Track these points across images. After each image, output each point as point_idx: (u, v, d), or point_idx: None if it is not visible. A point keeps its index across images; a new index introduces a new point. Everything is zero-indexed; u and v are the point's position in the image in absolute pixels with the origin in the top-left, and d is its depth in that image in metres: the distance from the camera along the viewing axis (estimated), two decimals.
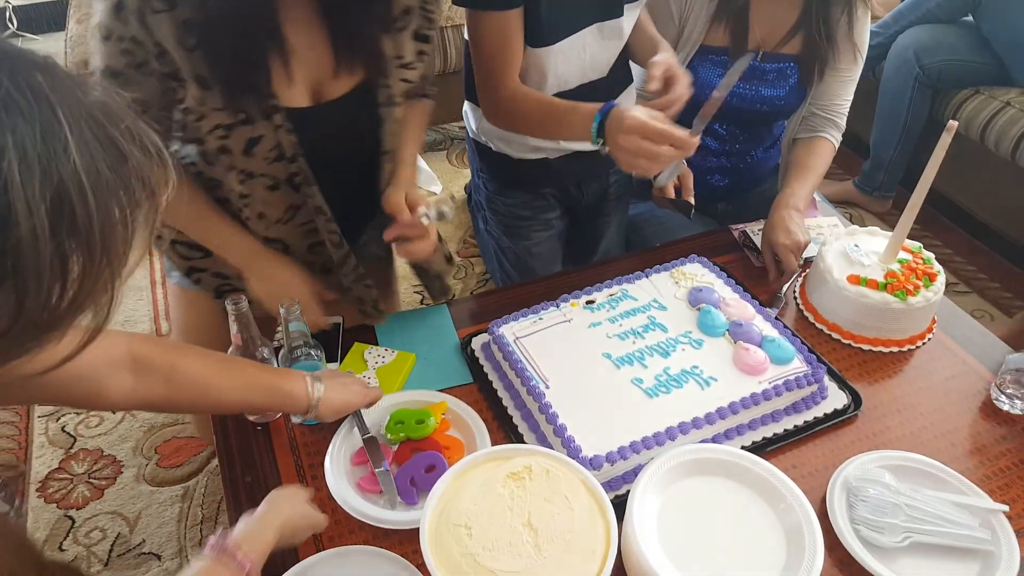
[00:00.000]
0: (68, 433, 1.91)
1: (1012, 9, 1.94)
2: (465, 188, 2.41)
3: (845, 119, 1.53)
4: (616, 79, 1.39)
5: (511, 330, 1.15)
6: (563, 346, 1.12)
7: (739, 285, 1.26)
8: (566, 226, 1.54)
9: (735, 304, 1.21)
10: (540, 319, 1.18)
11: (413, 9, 1.06)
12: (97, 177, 0.46)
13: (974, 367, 1.20)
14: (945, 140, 1.12)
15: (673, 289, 1.25)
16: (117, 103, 0.51)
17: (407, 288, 2.08)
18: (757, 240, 1.41)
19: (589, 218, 1.57)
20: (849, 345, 1.23)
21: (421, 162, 2.46)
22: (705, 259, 1.32)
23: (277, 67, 0.98)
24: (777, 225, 1.34)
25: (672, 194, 1.42)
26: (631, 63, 1.43)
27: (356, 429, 1.03)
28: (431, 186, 2.48)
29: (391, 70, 1.07)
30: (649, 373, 1.08)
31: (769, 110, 1.50)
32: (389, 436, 1.03)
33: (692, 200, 1.41)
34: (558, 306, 1.20)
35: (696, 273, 1.29)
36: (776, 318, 1.21)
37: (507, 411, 1.09)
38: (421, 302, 2.07)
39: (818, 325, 1.27)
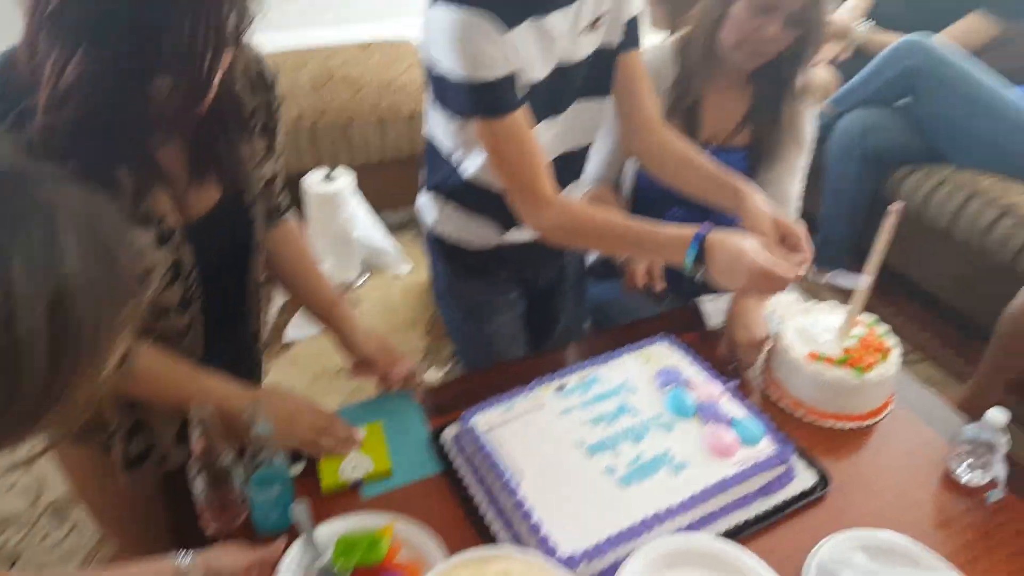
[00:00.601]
0: None
1: (941, 96, 2.09)
2: None
3: (795, 205, 1.60)
4: (570, 166, 1.42)
5: (483, 421, 1.15)
6: (536, 435, 1.13)
7: (705, 362, 1.29)
8: (526, 306, 1.56)
9: (702, 385, 1.24)
10: (511, 408, 1.18)
11: (259, 107, 1.06)
12: (90, 279, 0.50)
13: (932, 439, 1.24)
14: (892, 221, 1.18)
15: (642, 371, 1.27)
16: (104, 207, 0.55)
17: None
18: (708, 308, 1.45)
19: (546, 298, 1.60)
20: (813, 423, 1.26)
21: (389, 243, 2.47)
22: (672, 337, 1.35)
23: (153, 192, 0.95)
24: (736, 321, 1.37)
25: (642, 281, 1.46)
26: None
27: (305, 555, 0.96)
28: (400, 267, 2.49)
29: (250, 173, 1.07)
30: (622, 460, 1.09)
31: None
32: (337, 568, 0.94)
33: (661, 287, 1.46)
34: (529, 392, 1.22)
35: (663, 353, 1.31)
36: (739, 392, 1.23)
37: (479, 508, 1.08)
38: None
39: (781, 404, 1.30)
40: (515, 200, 1.21)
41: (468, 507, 1.09)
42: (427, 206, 1.45)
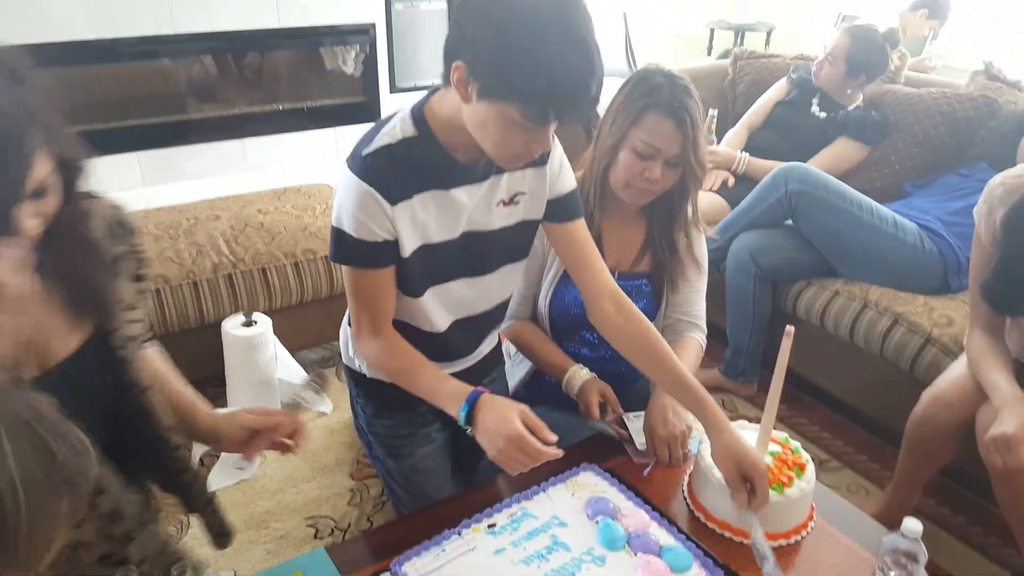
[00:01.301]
0: None
1: (823, 214, 2.26)
2: None
3: (704, 321, 1.70)
4: (490, 319, 1.49)
5: (414, 569, 1.13)
6: None
7: (631, 490, 1.31)
8: (448, 437, 1.56)
9: (631, 514, 1.25)
10: (443, 551, 1.17)
11: (124, 255, 1.07)
12: (30, 479, 0.51)
13: (857, 552, 1.27)
14: (786, 344, 1.25)
15: (570, 503, 1.28)
16: (44, 403, 0.57)
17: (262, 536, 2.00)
18: (632, 426, 1.49)
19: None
20: (741, 543, 1.28)
21: (309, 383, 2.44)
22: (596, 466, 1.36)
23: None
24: (655, 415, 1.43)
25: (598, 413, 1.50)
26: None
27: None
28: (322, 406, 2.45)
29: (119, 314, 1.07)
30: None
31: None
32: None
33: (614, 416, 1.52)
34: (460, 534, 1.20)
35: (589, 482, 1.33)
36: (664, 519, 1.25)
37: None
38: (315, 535, 1.98)
39: (710, 525, 1.31)
40: (357, 329, 1.34)
41: None
42: (347, 340, 1.48)
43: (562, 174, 1.37)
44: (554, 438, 1.17)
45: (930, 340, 2.04)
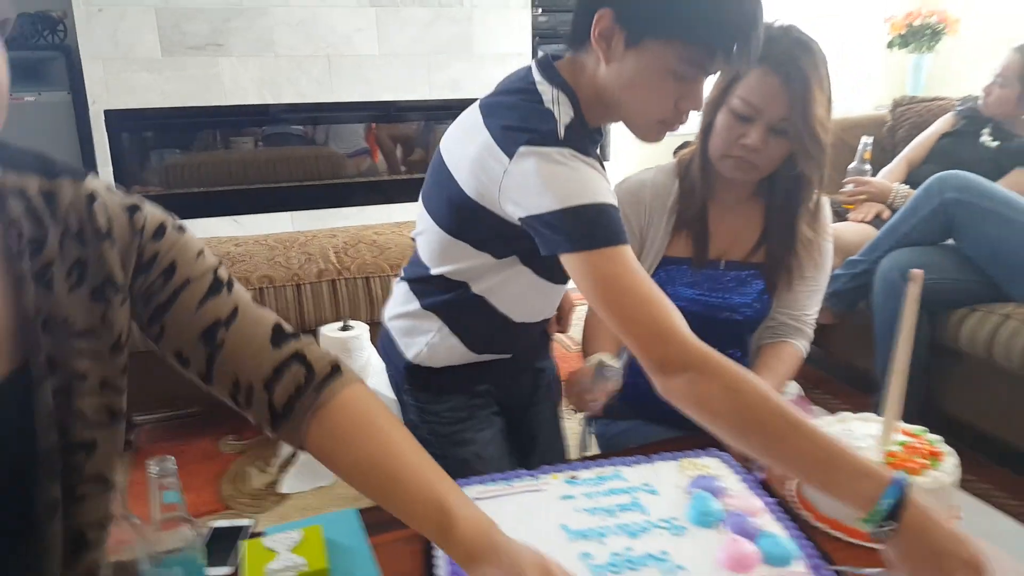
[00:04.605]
0: None
1: (988, 227, 1.95)
2: None
3: (813, 328, 1.49)
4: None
5: (474, 491, 1.01)
6: (520, 514, 0.97)
7: (756, 482, 1.10)
8: (505, 422, 1.42)
9: (740, 496, 1.05)
10: (510, 485, 1.04)
11: (85, 259, 0.74)
12: None
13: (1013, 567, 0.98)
14: (913, 292, 1.06)
15: (675, 476, 1.09)
16: None
17: None
18: None
19: (522, 411, 1.45)
20: (860, 545, 1.03)
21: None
22: (726, 454, 1.16)
23: None
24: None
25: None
26: None
27: None
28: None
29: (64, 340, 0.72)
30: (605, 550, 0.90)
31: (737, 318, 1.45)
32: None
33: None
34: (535, 476, 1.07)
35: (709, 465, 1.13)
36: (788, 516, 1.03)
37: None
38: None
39: (820, 526, 1.08)
40: (644, 350, 0.97)
41: None
42: (409, 341, 1.33)
43: None
44: None
45: None
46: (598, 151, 1.14)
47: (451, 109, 3.57)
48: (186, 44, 3.10)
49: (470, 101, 1.16)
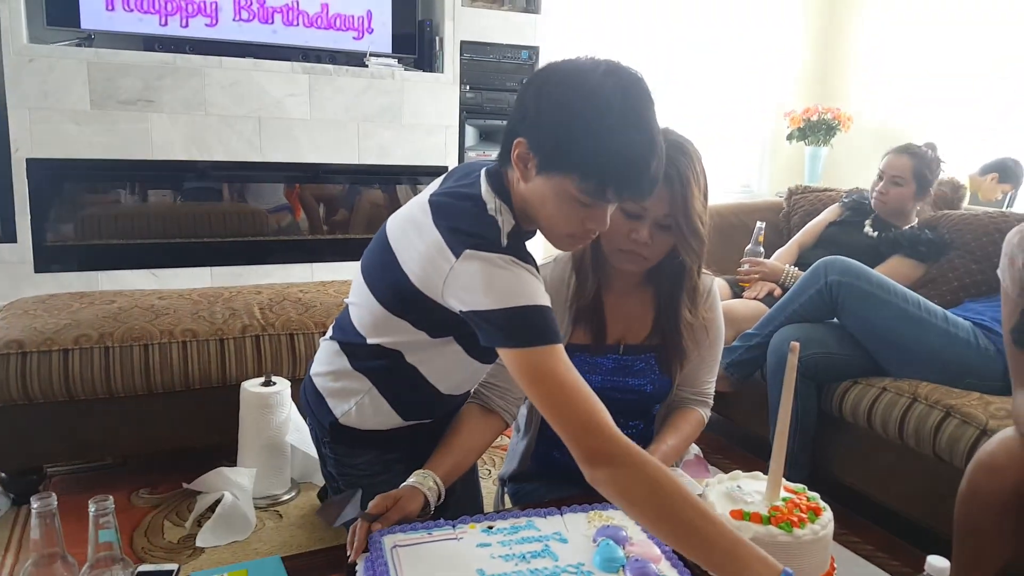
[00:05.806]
0: None
1: (867, 307, 2.15)
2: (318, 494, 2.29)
3: (712, 397, 1.62)
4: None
5: (394, 539, 1.07)
6: (439, 560, 1.04)
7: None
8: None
9: (641, 544, 1.14)
10: (429, 533, 1.10)
11: None
12: None
13: None
14: (792, 361, 1.17)
15: (582, 526, 1.18)
16: None
17: None
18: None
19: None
20: None
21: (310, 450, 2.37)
22: None
23: None
24: None
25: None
26: None
27: None
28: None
29: None
30: None
31: (637, 399, 1.56)
32: None
33: None
34: (453, 525, 1.13)
35: (614, 516, 1.22)
36: (684, 563, 1.12)
37: None
38: None
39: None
40: (573, 438, 1.06)
41: None
42: (338, 401, 1.38)
43: None
44: None
45: (986, 432, 1.85)
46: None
47: (378, 174, 3.68)
48: (117, 98, 3.12)
49: (397, 167, 1.27)
